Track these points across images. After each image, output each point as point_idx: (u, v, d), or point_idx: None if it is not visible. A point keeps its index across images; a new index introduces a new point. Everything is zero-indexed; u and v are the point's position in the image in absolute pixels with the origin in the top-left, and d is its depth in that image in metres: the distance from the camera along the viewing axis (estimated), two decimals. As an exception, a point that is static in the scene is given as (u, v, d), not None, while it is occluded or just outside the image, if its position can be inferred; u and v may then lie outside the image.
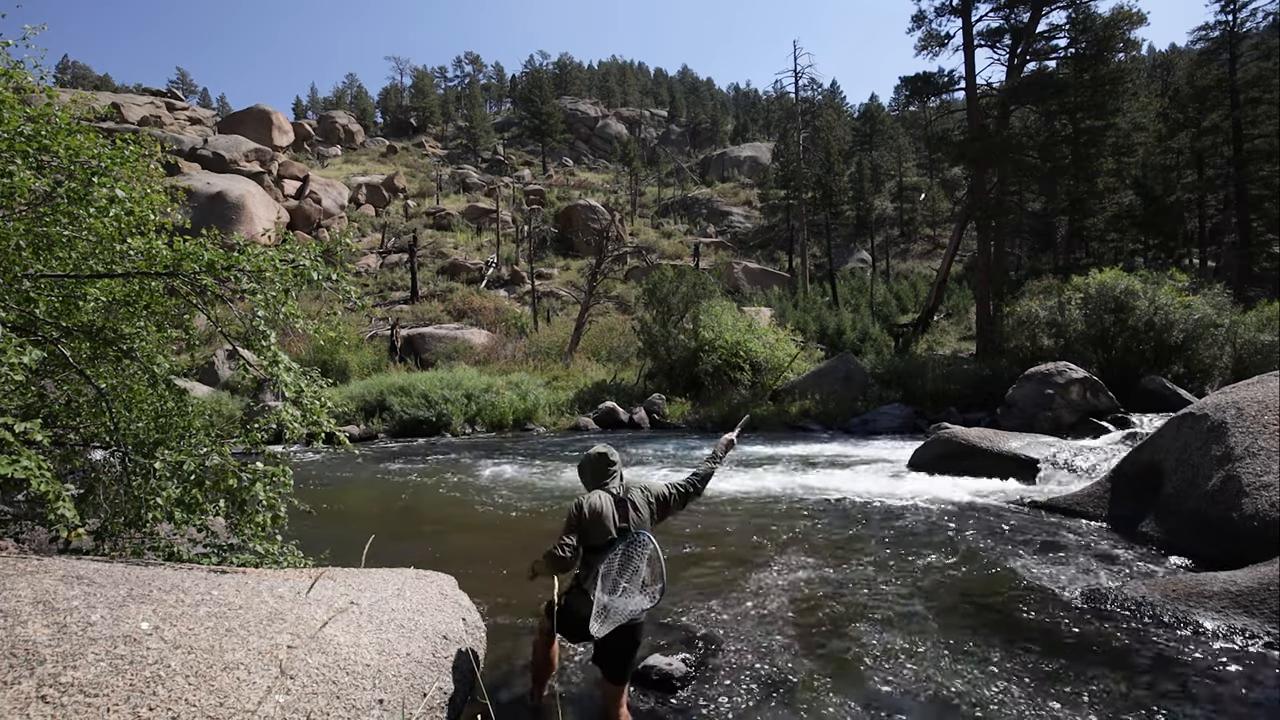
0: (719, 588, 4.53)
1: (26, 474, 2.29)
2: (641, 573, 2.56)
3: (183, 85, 78.97)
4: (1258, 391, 5.66)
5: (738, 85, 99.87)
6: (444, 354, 21.63)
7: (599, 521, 2.63)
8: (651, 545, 2.63)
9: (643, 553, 2.59)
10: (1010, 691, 3.03)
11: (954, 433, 9.10)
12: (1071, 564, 4.91)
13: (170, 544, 3.45)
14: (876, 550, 5.34)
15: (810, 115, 41.00)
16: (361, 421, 15.44)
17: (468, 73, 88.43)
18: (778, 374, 17.42)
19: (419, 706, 2.27)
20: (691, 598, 4.33)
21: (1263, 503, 4.63)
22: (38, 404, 3.45)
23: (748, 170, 55.43)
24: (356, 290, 3.54)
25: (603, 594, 2.46)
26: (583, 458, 2.93)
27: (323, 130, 57.80)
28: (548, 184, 51.24)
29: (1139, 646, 3.49)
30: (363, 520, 6.98)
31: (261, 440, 3.51)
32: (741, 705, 2.98)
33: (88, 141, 3.01)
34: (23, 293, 3.03)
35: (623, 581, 2.51)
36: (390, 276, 33.01)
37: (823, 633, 3.73)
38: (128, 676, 1.70)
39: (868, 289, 32.50)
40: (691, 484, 3.05)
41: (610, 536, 2.62)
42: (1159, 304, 13.68)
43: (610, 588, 2.48)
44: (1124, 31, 18.85)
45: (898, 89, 49.79)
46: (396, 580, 3.00)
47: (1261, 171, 24.82)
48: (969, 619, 3.91)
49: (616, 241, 34.65)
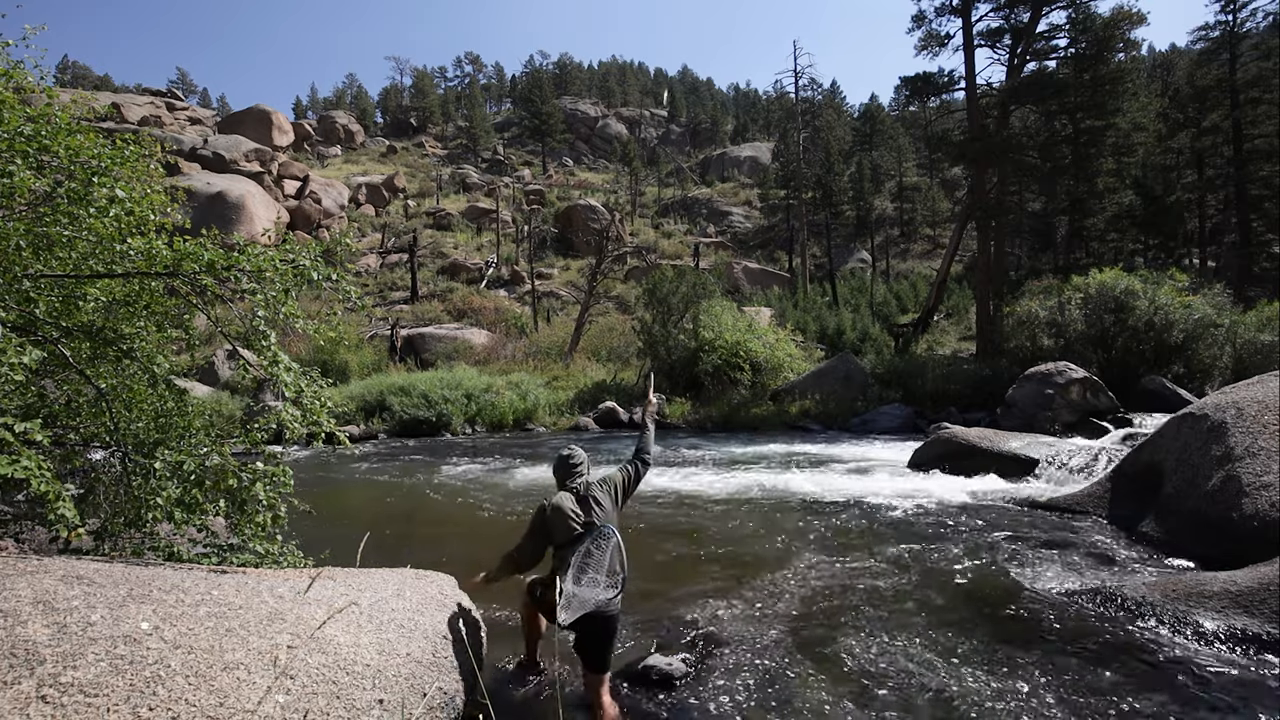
0: (718, 587, 4.53)
1: (26, 474, 2.29)
2: (605, 564, 2.69)
3: (183, 85, 78.99)
4: (1258, 391, 5.66)
5: (738, 85, 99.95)
6: (444, 354, 21.63)
7: (562, 519, 2.80)
8: (614, 538, 2.77)
9: (605, 545, 2.73)
10: (1010, 692, 3.03)
11: (954, 433, 9.10)
12: (1071, 564, 4.91)
13: (170, 544, 3.45)
14: (876, 550, 5.34)
15: (810, 115, 41.00)
16: (361, 421, 15.44)
17: (468, 73, 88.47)
18: (777, 373, 17.42)
19: (419, 706, 2.27)
20: (691, 597, 4.33)
21: (1263, 503, 4.63)
22: (38, 404, 3.45)
23: (748, 170, 55.42)
24: (356, 290, 3.53)
25: (570, 584, 2.61)
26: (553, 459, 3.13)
27: (323, 130, 57.80)
28: (548, 184, 51.24)
29: (1139, 646, 3.49)
30: (363, 520, 6.98)
31: (261, 440, 3.51)
32: (741, 705, 2.98)
33: (88, 141, 3.01)
34: (23, 293, 3.02)
35: (588, 572, 2.65)
36: (390, 276, 33.01)
37: (822, 632, 3.73)
38: (128, 676, 1.70)
39: (868, 289, 32.50)
40: (639, 458, 3.26)
41: (576, 532, 2.78)
42: (1159, 304, 13.68)
43: (575, 578, 2.63)
44: (1124, 31, 18.85)
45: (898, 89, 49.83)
46: (396, 580, 3.00)
47: (1261, 171, 24.81)
48: (968, 619, 3.91)
49: (616, 241, 34.65)
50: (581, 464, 3.04)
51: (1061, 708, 2.88)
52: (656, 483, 8.55)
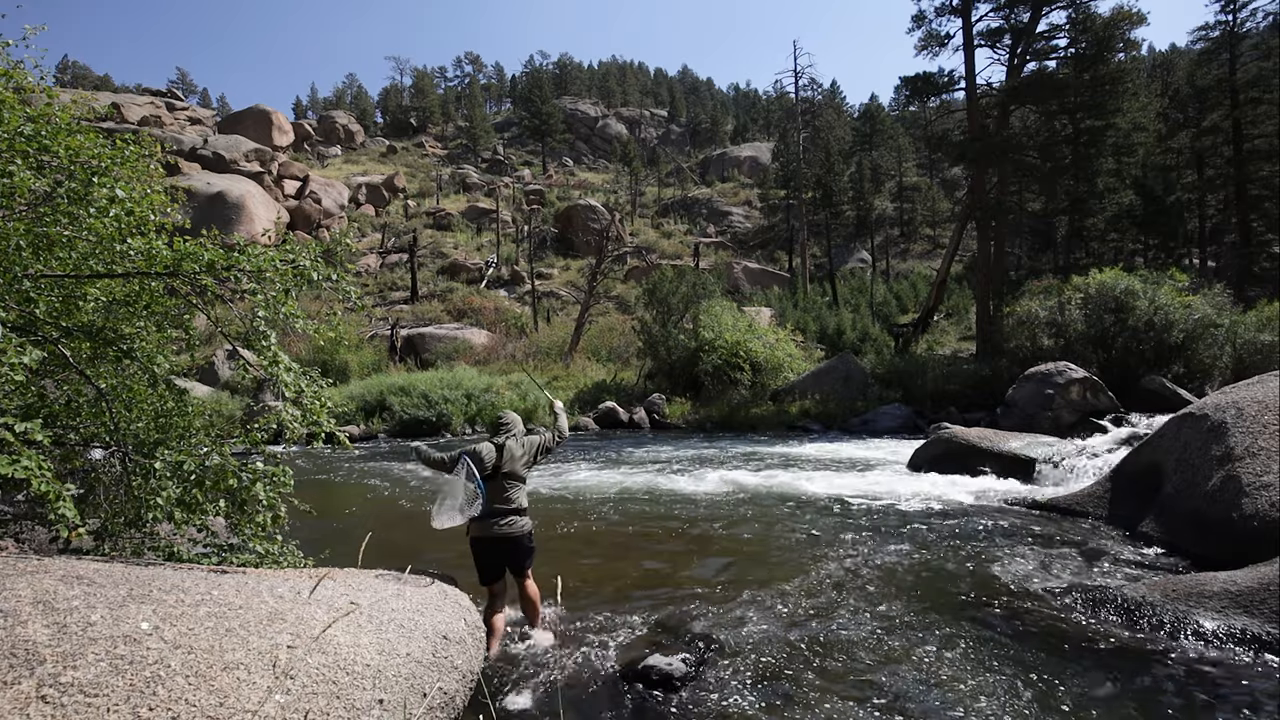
0: (718, 587, 4.53)
1: (27, 474, 2.29)
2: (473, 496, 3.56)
3: (183, 85, 78.92)
4: (1258, 391, 5.66)
5: (738, 85, 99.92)
6: (444, 354, 21.64)
7: (478, 461, 3.65)
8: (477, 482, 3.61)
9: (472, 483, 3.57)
10: (1010, 692, 3.03)
11: (954, 433, 9.11)
12: (1071, 564, 4.91)
13: (170, 544, 3.45)
14: (876, 550, 5.34)
15: (810, 115, 40.95)
16: (361, 421, 15.45)
17: (468, 73, 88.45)
18: (777, 373, 17.43)
19: (419, 706, 2.27)
20: (691, 597, 4.33)
21: (1263, 503, 4.63)
22: (38, 404, 3.44)
23: (748, 170, 55.41)
24: (356, 290, 3.53)
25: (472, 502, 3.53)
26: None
27: (323, 130, 57.79)
28: (548, 184, 51.25)
29: (1139, 646, 3.49)
30: (362, 520, 6.97)
31: (261, 440, 3.51)
32: (741, 705, 2.98)
33: (88, 142, 3.00)
34: (23, 293, 3.02)
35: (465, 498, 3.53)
36: (390, 276, 33.01)
37: (822, 632, 3.73)
38: (128, 676, 1.70)
39: (868, 289, 32.50)
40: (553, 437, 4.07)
41: (486, 472, 3.66)
42: (1159, 304, 13.67)
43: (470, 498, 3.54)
44: (1124, 31, 18.83)
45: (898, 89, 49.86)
46: (396, 580, 3.01)
47: (1261, 171, 24.80)
48: (968, 619, 3.91)
49: (616, 241, 34.64)
50: (509, 424, 3.91)
51: (1060, 708, 2.88)
52: (656, 482, 8.55)
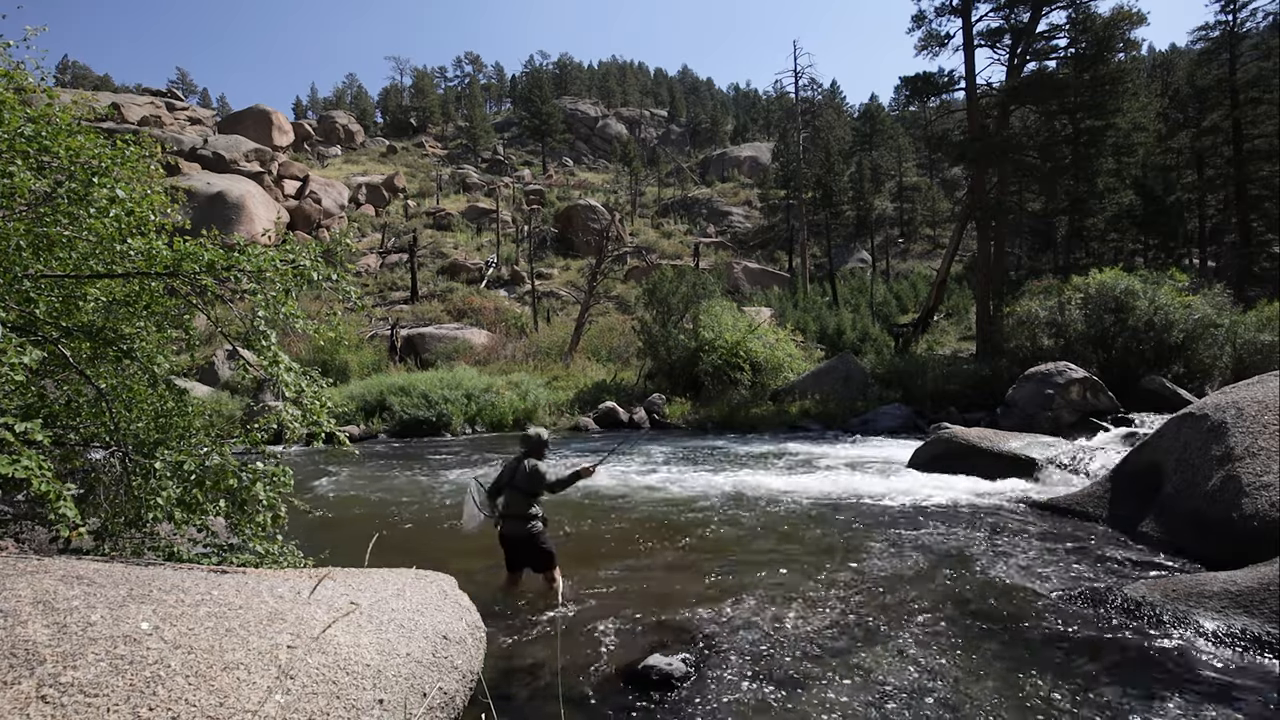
0: (718, 588, 4.54)
1: (27, 474, 2.29)
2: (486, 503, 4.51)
3: (183, 85, 78.93)
4: (1258, 391, 5.66)
5: (738, 85, 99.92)
6: (444, 354, 21.63)
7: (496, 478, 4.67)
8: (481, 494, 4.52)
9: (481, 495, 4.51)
10: (1010, 692, 3.03)
11: (954, 433, 9.11)
12: (1071, 564, 4.91)
13: (170, 544, 3.45)
14: (875, 550, 5.34)
15: (810, 115, 40.93)
16: (361, 421, 15.44)
17: (468, 73, 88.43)
18: (777, 373, 17.42)
19: (419, 707, 2.27)
20: (691, 597, 4.33)
21: (1263, 503, 4.63)
22: (38, 404, 3.44)
23: (748, 170, 55.40)
24: (356, 290, 3.53)
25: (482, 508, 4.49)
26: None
27: (323, 130, 57.79)
28: (548, 184, 51.24)
29: (1139, 646, 3.49)
30: (363, 520, 6.97)
31: (261, 440, 3.51)
32: (741, 705, 2.98)
33: (88, 142, 3.00)
34: (23, 293, 3.02)
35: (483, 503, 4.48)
36: (390, 276, 33.00)
37: (822, 632, 3.73)
38: (128, 676, 1.70)
39: (868, 289, 32.49)
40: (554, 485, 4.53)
41: (501, 485, 4.57)
42: (1159, 304, 13.67)
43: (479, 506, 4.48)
44: (1124, 31, 18.82)
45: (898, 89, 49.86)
46: (397, 580, 3.00)
47: (1261, 171, 24.79)
48: (968, 619, 3.91)
49: (616, 241, 34.64)
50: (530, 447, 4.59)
51: (1060, 708, 2.88)
52: (656, 482, 8.55)
